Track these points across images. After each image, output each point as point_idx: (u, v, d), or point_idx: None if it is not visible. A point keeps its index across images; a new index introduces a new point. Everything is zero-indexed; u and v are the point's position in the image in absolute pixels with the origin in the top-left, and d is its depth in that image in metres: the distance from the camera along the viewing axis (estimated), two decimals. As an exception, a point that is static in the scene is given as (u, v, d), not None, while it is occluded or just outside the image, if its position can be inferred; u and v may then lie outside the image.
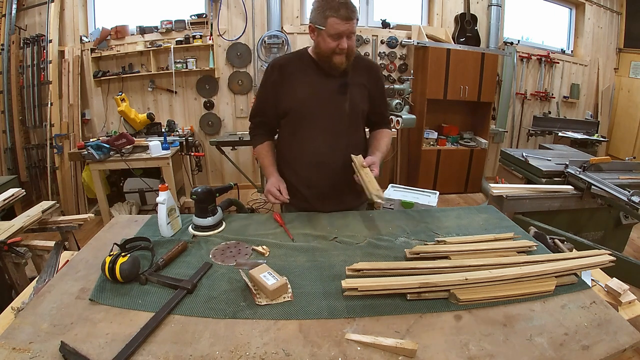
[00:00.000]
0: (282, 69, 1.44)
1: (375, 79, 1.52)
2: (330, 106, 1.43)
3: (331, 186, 1.49)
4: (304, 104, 1.43)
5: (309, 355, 0.77)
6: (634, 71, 4.87)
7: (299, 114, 1.45)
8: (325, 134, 1.44)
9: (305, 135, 1.46)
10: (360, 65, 1.47)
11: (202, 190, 1.30)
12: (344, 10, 1.27)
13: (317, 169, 1.47)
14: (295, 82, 1.43)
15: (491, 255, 1.12)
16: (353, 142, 1.50)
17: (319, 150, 1.45)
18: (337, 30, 1.29)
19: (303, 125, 1.46)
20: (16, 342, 0.79)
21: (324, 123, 1.44)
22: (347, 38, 1.32)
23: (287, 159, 1.54)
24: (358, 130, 1.54)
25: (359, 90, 1.46)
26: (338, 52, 1.33)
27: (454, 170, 4.32)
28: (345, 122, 1.46)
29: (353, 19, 1.29)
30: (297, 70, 1.44)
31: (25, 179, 3.73)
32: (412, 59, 4.31)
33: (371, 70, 1.51)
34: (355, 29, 1.32)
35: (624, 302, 1.15)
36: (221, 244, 1.23)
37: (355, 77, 1.45)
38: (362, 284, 0.94)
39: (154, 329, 0.83)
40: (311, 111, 1.43)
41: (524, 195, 2.17)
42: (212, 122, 4.25)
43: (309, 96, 1.42)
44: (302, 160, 1.49)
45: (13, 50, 3.58)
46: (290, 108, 1.45)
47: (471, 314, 0.89)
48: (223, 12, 3.97)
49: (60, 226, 1.97)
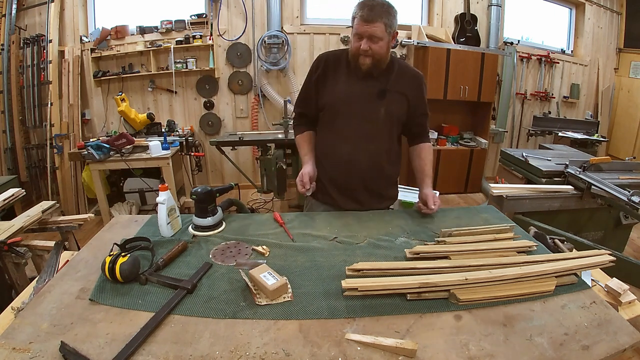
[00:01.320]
0: (327, 63, 1.47)
1: (418, 89, 1.50)
2: (365, 109, 1.44)
3: (356, 187, 1.52)
4: (340, 102, 1.45)
5: (309, 355, 0.77)
6: (634, 71, 4.87)
7: (334, 111, 1.48)
8: (356, 135, 1.46)
9: (338, 133, 1.48)
10: (405, 74, 1.47)
11: (202, 190, 1.30)
12: (366, 11, 1.28)
13: (345, 168, 1.49)
14: (336, 78, 1.46)
15: (491, 255, 1.12)
16: (384, 148, 1.51)
17: (348, 150, 1.47)
18: (358, 30, 1.31)
19: (337, 123, 1.48)
20: (16, 342, 0.79)
21: (357, 124, 1.45)
22: (370, 41, 1.31)
23: (318, 153, 1.56)
24: (391, 137, 1.53)
25: (398, 98, 1.46)
26: (362, 52, 1.34)
27: (454, 170, 4.32)
28: (378, 126, 1.47)
29: (374, 22, 1.28)
30: (341, 68, 1.45)
31: (25, 179, 3.73)
32: (412, 59, 4.31)
33: (415, 80, 1.49)
34: (381, 33, 1.30)
35: (624, 302, 1.15)
36: (221, 244, 1.23)
37: (398, 85, 1.45)
38: (362, 284, 0.94)
39: (154, 329, 0.83)
40: (346, 110, 1.45)
41: (524, 195, 2.17)
42: (212, 122, 4.25)
43: (346, 95, 1.44)
44: (332, 157, 1.51)
45: (13, 50, 3.58)
46: (327, 104, 1.48)
47: (471, 314, 0.89)
48: (223, 12, 3.97)
49: (60, 226, 1.97)
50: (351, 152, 1.47)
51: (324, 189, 1.54)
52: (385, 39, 1.33)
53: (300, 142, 1.58)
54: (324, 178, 1.54)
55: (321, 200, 1.57)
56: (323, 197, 1.56)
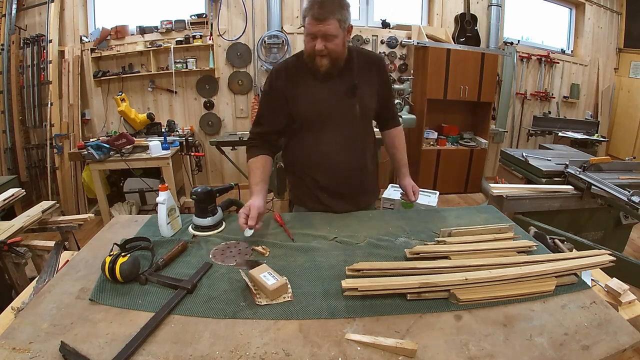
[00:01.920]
0: (288, 73, 1.40)
1: (381, 74, 1.47)
2: (341, 110, 1.39)
3: (347, 188, 1.48)
4: (314, 108, 1.39)
5: (309, 355, 0.77)
6: (634, 71, 4.87)
7: (310, 119, 1.41)
8: (338, 138, 1.42)
9: (318, 140, 1.42)
10: (367, 62, 1.43)
11: (202, 190, 1.30)
12: (316, 9, 1.21)
13: (333, 173, 1.45)
14: (302, 86, 1.38)
15: (491, 255, 1.12)
16: (366, 144, 1.49)
17: (333, 155, 1.43)
18: (310, 31, 1.25)
19: (315, 130, 1.42)
20: (16, 342, 0.79)
21: (337, 127, 1.41)
22: (325, 40, 1.25)
23: (302, 164, 1.50)
24: (369, 130, 1.51)
25: (368, 89, 1.42)
26: (317, 53, 1.28)
27: (454, 170, 4.32)
28: (357, 124, 1.43)
29: (326, 20, 1.21)
30: (302, 74, 1.38)
31: (25, 179, 3.73)
32: (412, 59, 4.31)
33: (377, 65, 1.45)
34: (335, 30, 1.24)
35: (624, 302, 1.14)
36: (221, 244, 1.23)
37: (363, 75, 1.40)
38: (362, 284, 0.94)
39: (154, 329, 0.83)
40: (322, 116, 1.40)
41: (524, 195, 2.17)
42: (212, 122, 4.25)
43: (319, 100, 1.38)
44: (318, 165, 1.45)
45: (13, 50, 3.58)
46: (300, 114, 1.41)
47: (471, 314, 0.89)
48: (223, 12, 3.97)
49: (60, 226, 1.97)
50: (336, 156, 1.43)
51: (314, 197, 1.49)
52: (340, 35, 1.27)
53: (252, 168, 1.40)
54: (313, 188, 1.48)
55: (312, 208, 1.51)
56: (314, 205, 1.50)
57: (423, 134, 4.20)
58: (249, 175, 1.40)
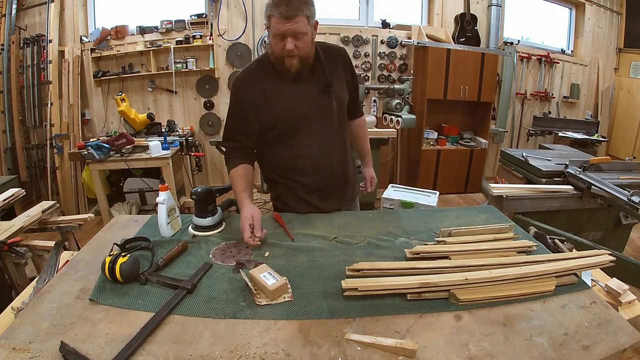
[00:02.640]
0: (254, 81, 1.34)
1: (347, 66, 1.44)
2: (318, 109, 1.36)
3: (332, 186, 1.47)
4: (291, 112, 1.34)
5: (309, 355, 0.77)
6: (634, 71, 4.86)
7: (288, 123, 1.36)
8: (319, 138, 1.39)
9: (299, 143, 1.38)
10: (332, 56, 1.39)
11: (201, 190, 1.30)
12: (284, 7, 1.15)
13: (317, 174, 1.42)
14: (273, 91, 1.33)
15: (491, 255, 1.12)
16: (344, 135, 1.48)
17: (315, 155, 1.40)
18: (279, 30, 1.19)
19: (294, 133, 1.37)
20: (16, 342, 0.79)
21: (315, 127, 1.37)
22: (295, 38, 1.20)
23: (284, 169, 1.45)
24: (344, 121, 1.49)
25: (339, 84, 1.40)
26: (287, 53, 1.22)
27: (454, 170, 4.32)
28: (334, 121, 1.40)
29: (295, 17, 1.15)
30: (270, 79, 1.33)
31: (25, 179, 3.73)
32: (412, 59, 4.31)
33: (341, 57, 1.42)
34: (304, 27, 1.19)
35: (624, 302, 1.15)
36: (221, 244, 1.23)
37: (333, 70, 1.38)
38: (362, 284, 0.94)
39: (154, 329, 0.83)
40: (299, 118, 1.35)
41: (524, 195, 2.17)
42: (212, 122, 4.25)
43: (294, 103, 1.34)
44: (301, 168, 1.42)
45: (13, 50, 3.58)
46: (276, 119, 1.35)
47: (471, 314, 0.89)
48: (223, 12, 3.96)
49: (60, 226, 1.97)
50: (319, 156, 1.40)
51: (301, 201, 1.46)
52: (309, 32, 1.22)
53: (235, 177, 1.36)
54: (303, 192, 1.44)
55: (304, 212, 1.46)
56: (305, 208, 1.46)
57: (423, 134, 4.19)
58: (232, 185, 1.38)
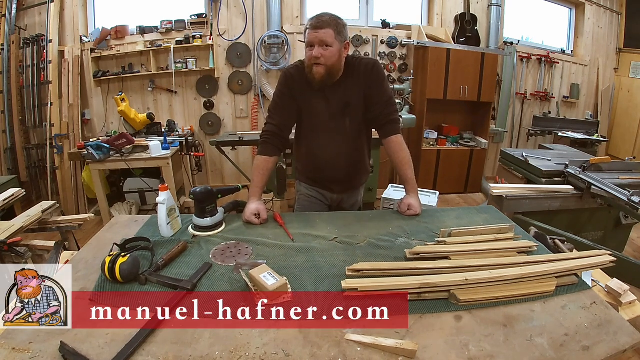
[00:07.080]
0: (295, 80, 1.50)
1: (372, 78, 1.49)
2: (333, 123, 1.53)
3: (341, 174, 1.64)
4: (310, 121, 1.56)
5: (309, 356, 0.77)
6: (634, 71, 4.86)
7: (308, 124, 1.59)
8: (330, 143, 1.57)
9: (315, 141, 1.60)
10: (360, 69, 1.48)
11: (200, 191, 1.30)
12: (315, 20, 1.37)
13: (328, 165, 1.62)
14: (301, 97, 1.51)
15: (491, 255, 1.12)
16: (356, 146, 1.63)
17: (328, 154, 1.59)
18: (308, 39, 1.38)
19: (312, 133, 1.59)
20: (16, 342, 0.79)
21: (329, 135, 1.55)
22: (321, 47, 1.36)
23: (303, 153, 1.68)
24: (360, 136, 1.62)
25: (357, 102, 1.50)
26: (313, 61, 1.38)
27: (454, 170, 4.32)
28: (347, 133, 1.56)
29: (323, 28, 1.35)
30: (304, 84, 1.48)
31: (25, 179, 3.73)
32: (412, 59, 4.31)
33: (369, 71, 1.48)
34: (330, 39, 1.35)
35: (625, 303, 1.14)
36: (221, 244, 1.23)
37: (354, 85, 1.48)
38: (362, 284, 0.94)
39: (154, 329, 0.83)
40: (316, 125, 1.56)
41: (524, 195, 2.17)
42: (212, 122, 4.25)
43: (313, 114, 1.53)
44: (315, 158, 1.63)
45: (13, 50, 3.58)
46: (302, 118, 1.57)
47: (471, 315, 0.89)
48: (223, 12, 3.96)
49: (60, 226, 1.97)
50: (330, 155, 1.59)
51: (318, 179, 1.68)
52: (336, 46, 1.38)
53: (260, 167, 1.51)
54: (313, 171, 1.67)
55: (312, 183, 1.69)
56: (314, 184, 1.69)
57: (423, 134, 4.19)
58: (253, 172, 1.53)
